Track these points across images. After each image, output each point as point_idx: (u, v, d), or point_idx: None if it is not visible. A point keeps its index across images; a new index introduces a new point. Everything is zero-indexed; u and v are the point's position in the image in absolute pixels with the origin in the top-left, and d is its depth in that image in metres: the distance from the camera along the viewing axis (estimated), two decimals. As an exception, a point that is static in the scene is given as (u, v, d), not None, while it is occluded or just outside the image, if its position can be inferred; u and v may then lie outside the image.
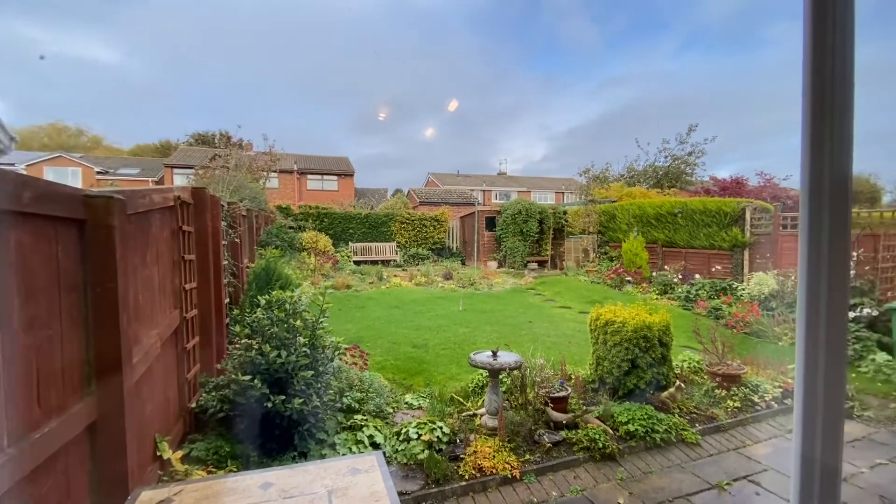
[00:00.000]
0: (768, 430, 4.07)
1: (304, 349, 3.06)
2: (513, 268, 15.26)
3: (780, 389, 4.52)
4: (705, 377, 4.76)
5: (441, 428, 3.48)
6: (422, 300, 9.75)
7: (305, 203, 18.48)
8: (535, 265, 15.62)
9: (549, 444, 3.46)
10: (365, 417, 3.58)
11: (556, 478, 3.23)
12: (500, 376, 3.91)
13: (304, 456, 3.00)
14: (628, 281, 10.75)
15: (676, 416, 3.95)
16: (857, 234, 7.66)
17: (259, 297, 3.42)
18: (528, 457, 3.36)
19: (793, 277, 7.67)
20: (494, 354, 3.71)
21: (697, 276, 10.06)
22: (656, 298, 9.48)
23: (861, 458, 3.61)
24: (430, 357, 5.73)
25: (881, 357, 5.68)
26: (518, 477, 3.16)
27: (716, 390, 4.44)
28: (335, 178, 27.56)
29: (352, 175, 28.23)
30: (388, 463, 3.25)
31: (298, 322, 3.15)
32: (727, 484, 3.20)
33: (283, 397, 2.87)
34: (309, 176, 27.04)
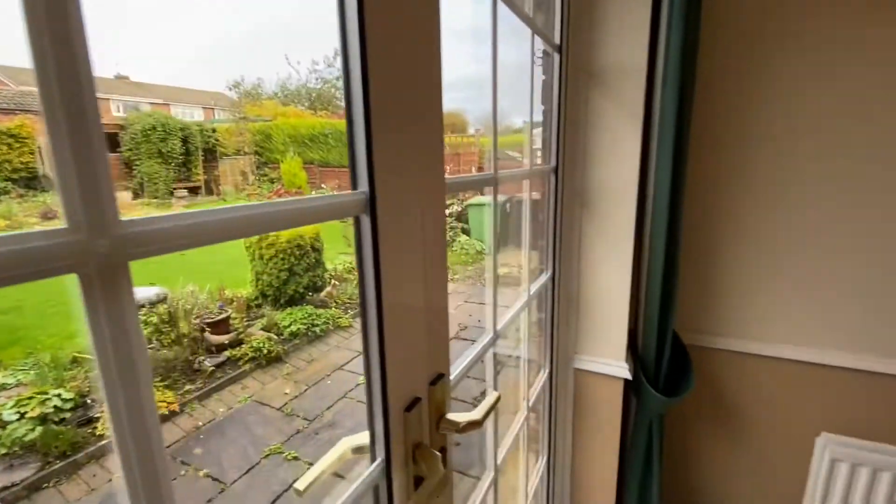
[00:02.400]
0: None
1: None
2: (155, 197, 12.72)
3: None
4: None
5: (59, 395, 2.76)
6: (5, 251, 6.88)
7: None
8: (184, 192, 13.51)
9: (211, 368, 3.37)
10: None
11: (223, 395, 3.23)
12: (141, 315, 3.38)
13: None
14: (290, 201, 10.99)
15: (334, 308, 4.59)
16: (451, 153, 10.46)
17: None
18: (188, 387, 3.18)
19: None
20: (128, 292, 3.14)
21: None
22: (317, 215, 10.19)
23: (452, 302, 5.32)
24: (30, 321, 4.27)
25: (463, 238, 8.30)
26: (178, 410, 2.97)
27: (362, 282, 5.42)
28: None
29: None
30: (-30, 465, 2.37)
31: None
32: (370, 348, 4.08)
33: None
34: None
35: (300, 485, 0.53)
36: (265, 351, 3.57)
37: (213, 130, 14.07)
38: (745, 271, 1.54)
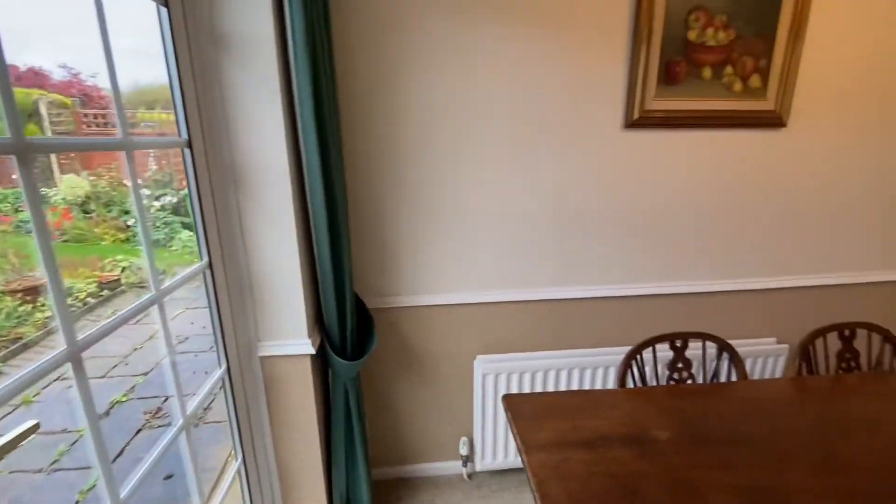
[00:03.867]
0: (81, 324, 4.15)
1: None
2: None
3: (95, 284, 4.64)
4: (8, 298, 4.09)
5: None
6: None
7: None
8: None
9: None
10: None
11: None
12: None
13: None
14: None
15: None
16: (156, 132, 8.64)
17: None
18: None
19: (105, 177, 7.76)
20: None
21: (-5, 186, 8.07)
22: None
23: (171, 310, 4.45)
24: None
25: (185, 235, 7.09)
26: None
27: (20, 307, 3.94)
28: None
29: None
30: None
31: None
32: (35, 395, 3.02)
33: None
34: None
35: None
36: None
37: None
38: (411, 239, 1.77)
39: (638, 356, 1.56)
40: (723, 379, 1.62)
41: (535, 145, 1.72)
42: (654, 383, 1.63)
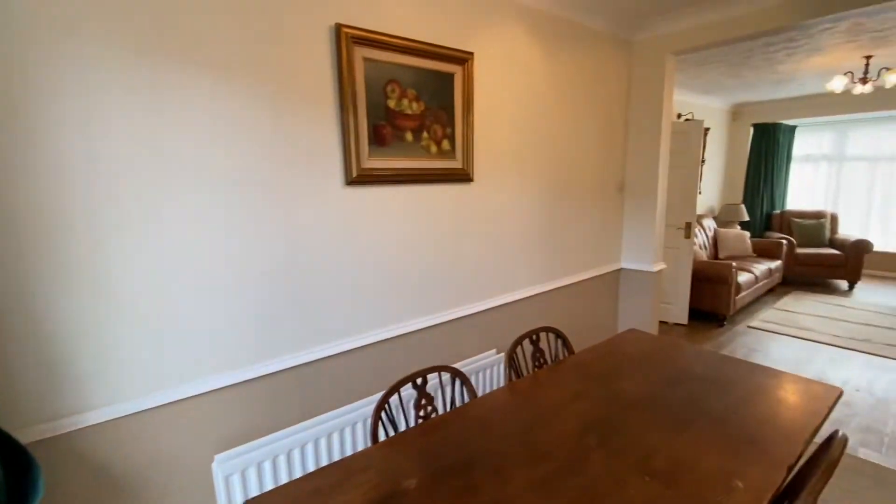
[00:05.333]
0: None
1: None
2: None
3: None
4: None
5: None
6: None
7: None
8: None
9: None
10: None
11: None
12: None
13: None
14: None
15: None
16: None
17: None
18: None
19: None
20: None
21: None
22: None
23: None
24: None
25: None
26: None
27: None
28: None
29: None
30: None
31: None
32: None
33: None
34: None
35: None
36: None
37: None
38: (90, 336, 1.34)
39: (386, 405, 1.59)
40: (458, 403, 1.83)
41: (263, 207, 1.60)
42: (406, 426, 1.70)
